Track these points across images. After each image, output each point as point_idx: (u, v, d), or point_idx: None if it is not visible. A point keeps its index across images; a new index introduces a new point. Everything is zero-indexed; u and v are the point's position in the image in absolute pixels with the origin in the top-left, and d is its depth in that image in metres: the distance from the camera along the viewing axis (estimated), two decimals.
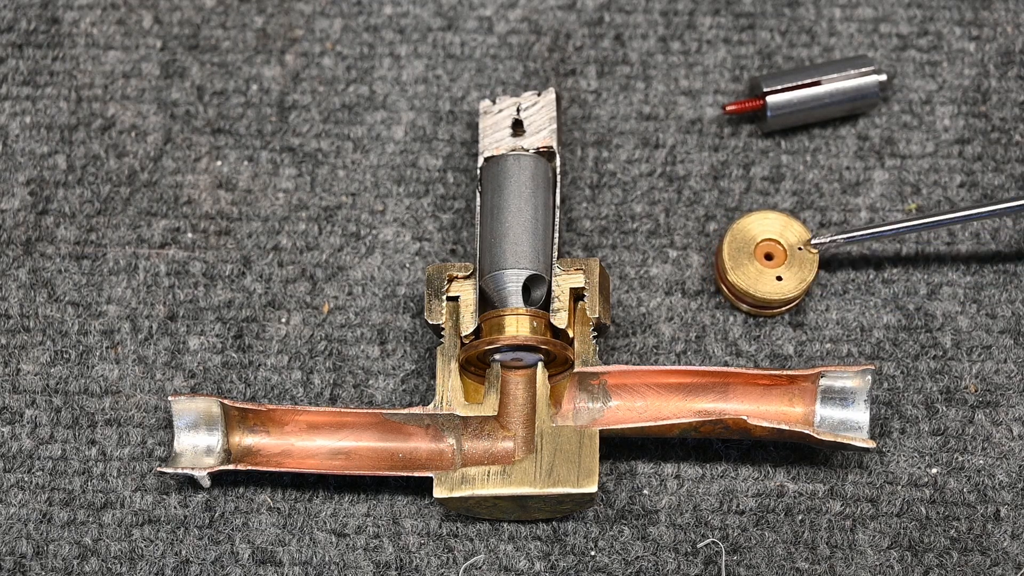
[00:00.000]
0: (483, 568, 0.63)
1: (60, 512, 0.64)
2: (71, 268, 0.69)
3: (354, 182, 0.70)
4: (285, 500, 0.65)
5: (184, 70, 0.72)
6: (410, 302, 0.68)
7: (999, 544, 0.63)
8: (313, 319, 0.68)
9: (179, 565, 0.64)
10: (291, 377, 0.67)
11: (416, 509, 0.64)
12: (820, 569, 0.63)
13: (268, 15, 0.74)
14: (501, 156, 0.65)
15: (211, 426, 0.63)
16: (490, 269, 0.63)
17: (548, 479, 0.61)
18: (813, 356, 0.66)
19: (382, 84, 0.72)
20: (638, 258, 0.68)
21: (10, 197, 0.70)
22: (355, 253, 0.69)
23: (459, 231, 0.69)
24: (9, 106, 0.72)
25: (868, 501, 0.64)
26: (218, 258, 0.69)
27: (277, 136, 0.71)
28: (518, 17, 0.73)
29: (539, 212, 0.64)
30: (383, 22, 0.73)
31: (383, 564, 0.63)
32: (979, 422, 0.65)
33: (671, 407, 0.63)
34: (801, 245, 0.65)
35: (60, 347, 0.67)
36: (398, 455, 0.63)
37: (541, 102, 0.67)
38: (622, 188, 0.70)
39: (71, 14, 0.74)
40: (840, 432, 0.62)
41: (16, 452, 0.66)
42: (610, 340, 0.67)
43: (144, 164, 0.71)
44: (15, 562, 0.64)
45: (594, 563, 0.63)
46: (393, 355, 0.67)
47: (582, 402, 0.63)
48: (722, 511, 0.64)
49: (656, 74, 0.72)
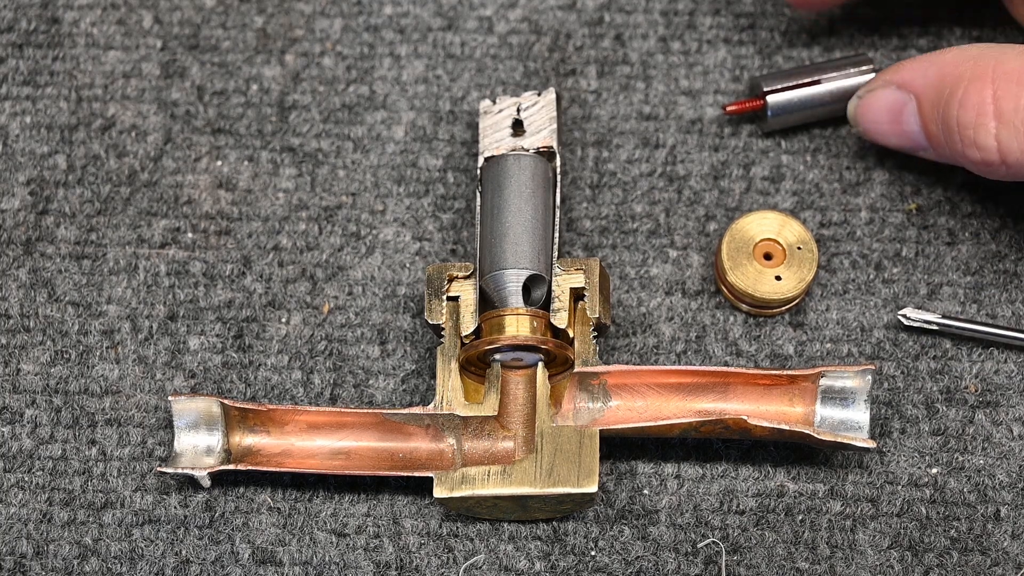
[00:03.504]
0: (483, 568, 0.63)
1: (60, 512, 0.64)
2: (71, 268, 0.69)
3: (354, 182, 0.70)
4: (285, 500, 0.65)
5: (184, 70, 0.73)
6: (410, 302, 0.68)
7: (999, 544, 0.63)
8: (313, 319, 0.68)
9: (179, 565, 0.64)
10: (291, 377, 0.67)
11: (416, 509, 0.64)
12: (820, 569, 0.63)
13: (268, 15, 0.74)
14: (501, 156, 0.65)
15: (211, 426, 0.63)
16: (490, 269, 0.63)
17: (548, 479, 0.61)
18: (813, 356, 0.66)
19: (382, 84, 0.72)
20: (638, 258, 0.68)
21: (10, 197, 0.70)
22: (355, 253, 0.69)
23: (459, 231, 0.69)
24: (9, 106, 0.72)
25: (868, 501, 0.64)
26: (218, 258, 0.69)
27: (277, 136, 0.71)
28: (518, 17, 0.73)
29: (539, 212, 0.64)
30: (383, 22, 0.73)
31: (383, 564, 0.63)
32: (979, 422, 0.65)
33: (671, 407, 0.63)
34: (900, 317, 0.65)
35: (60, 347, 0.67)
36: (398, 455, 0.63)
37: (541, 102, 0.67)
38: (622, 188, 0.70)
39: (71, 14, 0.74)
40: (840, 432, 0.62)
41: (16, 452, 0.66)
42: (610, 340, 0.67)
43: (144, 164, 0.71)
44: (15, 562, 0.64)
45: (594, 563, 0.63)
46: (393, 355, 0.67)
47: (582, 402, 0.63)
48: (722, 511, 0.64)
49: (656, 74, 0.72)
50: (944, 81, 0.62)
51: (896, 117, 0.64)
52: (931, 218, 0.68)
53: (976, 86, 0.60)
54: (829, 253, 0.68)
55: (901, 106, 0.64)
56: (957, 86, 0.61)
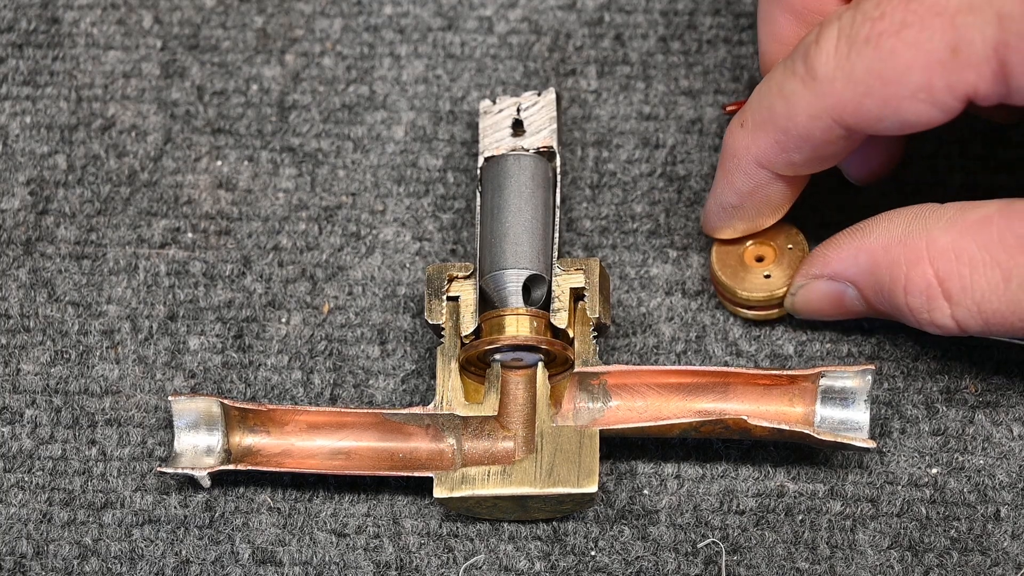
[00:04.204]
0: (483, 568, 0.63)
1: (60, 512, 0.64)
2: (71, 268, 0.69)
3: (354, 182, 0.70)
4: (285, 500, 0.65)
5: (184, 70, 0.73)
6: (410, 302, 0.68)
7: (999, 544, 0.63)
8: (313, 319, 0.68)
9: (179, 565, 0.64)
10: (291, 377, 0.67)
11: (416, 509, 0.64)
12: (820, 569, 0.63)
13: (268, 15, 0.74)
14: (501, 156, 0.65)
15: (211, 426, 0.63)
16: (490, 269, 0.63)
17: (548, 479, 0.61)
18: (813, 356, 0.66)
19: (382, 84, 0.72)
20: (638, 258, 0.68)
21: (10, 197, 0.70)
22: (355, 253, 0.69)
23: (459, 231, 0.69)
24: (9, 106, 0.72)
25: (868, 501, 0.64)
26: (218, 258, 0.69)
27: (277, 136, 0.71)
28: (518, 17, 0.73)
29: (539, 212, 0.64)
30: (383, 22, 0.73)
31: (383, 564, 0.63)
32: (979, 422, 0.65)
33: (671, 407, 0.63)
34: None
35: (60, 347, 0.67)
36: (398, 455, 0.63)
37: (541, 102, 0.67)
38: (622, 188, 0.70)
39: (71, 14, 0.74)
40: (840, 432, 0.62)
41: (16, 452, 0.66)
42: (610, 340, 0.67)
43: (144, 164, 0.71)
44: (15, 562, 0.64)
45: (594, 563, 0.63)
46: (393, 355, 0.67)
47: (582, 402, 0.63)
48: (722, 511, 0.64)
49: (656, 74, 0.72)
50: (879, 269, 0.60)
51: (838, 303, 0.63)
52: None
53: (917, 271, 0.58)
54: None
55: (840, 294, 0.62)
56: (896, 273, 0.59)
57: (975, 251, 0.57)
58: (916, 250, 0.58)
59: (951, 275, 0.58)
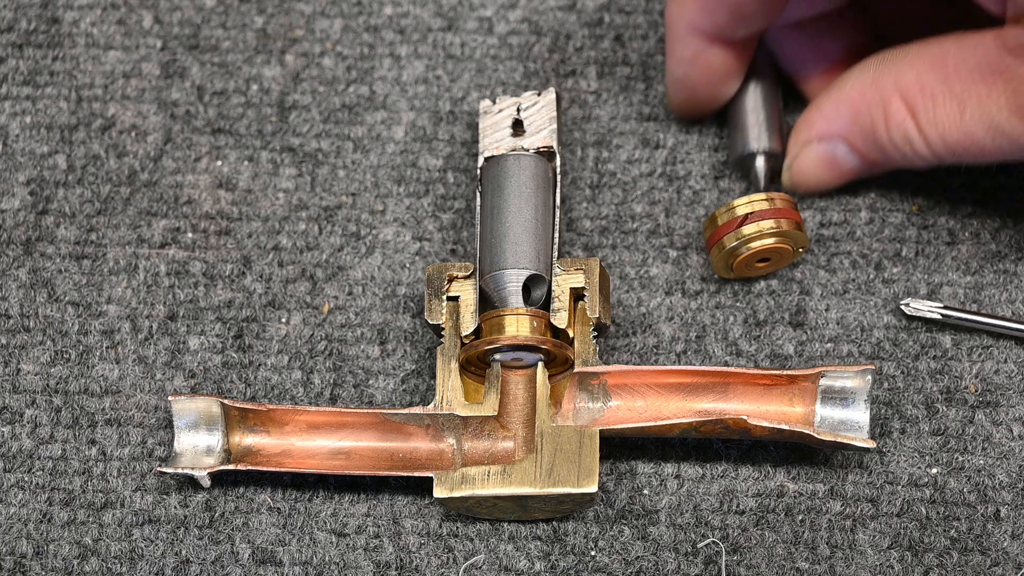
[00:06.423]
0: (483, 568, 0.63)
1: (60, 512, 0.64)
2: (71, 268, 0.69)
3: (354, 182, 0.70)
4: (285, 500, 0.65)
5: (184, 70, 0.73)
6: (410, 302, 0.68)
7: (999, 544, 0.63)
8: (313, 319, 0.68)
9: (179, 565, 0.64)
10: (291, 377, 0.67)
11: (416, 509, 0.64)
12: (820, 569, 0.63)
13: (268, 15, 0.74)
14: (501, 156, 0.65)
15: (211, 426, 0.63)
16: (490, 269, 0.63)
17: (548, 479, 0.61)
18: (813, 356, 0.66)
19: (382, 84, 0.72)
20: (638, 258, 0.68)
21: (10, 197, 0.70)
22: (355, 253, 0.69)
23: (459, 231, 0.69)
24: (9, 106, 0.72)
25: (868, 501, 0.64)
26: (218, 258, 0.69)
27: (277, 136, 0.71)
28: (518, 18, 0.73)
29: (539, 212, 0.64)
30: (383, 22, 0.73)
31: (383, 564, 0.63)
32: (979, 422, 0.65)
33: (671, 407, 0.63)
34: (902, 306, 0.66)
35: (60, 347, 0.67)
36: (398, 455, 0.63)
37: (541, 102, 0.67)
38: (622, 188, 0.70)
39: (71, 14, 0.74)
40: (840, 432, 0.62)
41: (16, 452, 0.66)
42: (610, 340, 0.67)
43: (144, 164, 0.71)
44: (15, 562, 0.64)
45: (594, 563, 0.63)
46: (393, 355, 0.67)
47: (582, 402, 0.63)
48: (722, 511, 0.64)
49: (656, 74, 0.72)
50: (860, 114, 0.63)
51: (832, 164, 0.66)
52: (931, 218, 0.68)
53: (892, 106, 0.62)
54: (829, 253, 0.68)
55: (831, 154, 0.65)
56: (876, 113, 0.63)
57: (935, 84, 0.61)
58: (887, 87, 0.62)
59: (918, 107, 0.61)
